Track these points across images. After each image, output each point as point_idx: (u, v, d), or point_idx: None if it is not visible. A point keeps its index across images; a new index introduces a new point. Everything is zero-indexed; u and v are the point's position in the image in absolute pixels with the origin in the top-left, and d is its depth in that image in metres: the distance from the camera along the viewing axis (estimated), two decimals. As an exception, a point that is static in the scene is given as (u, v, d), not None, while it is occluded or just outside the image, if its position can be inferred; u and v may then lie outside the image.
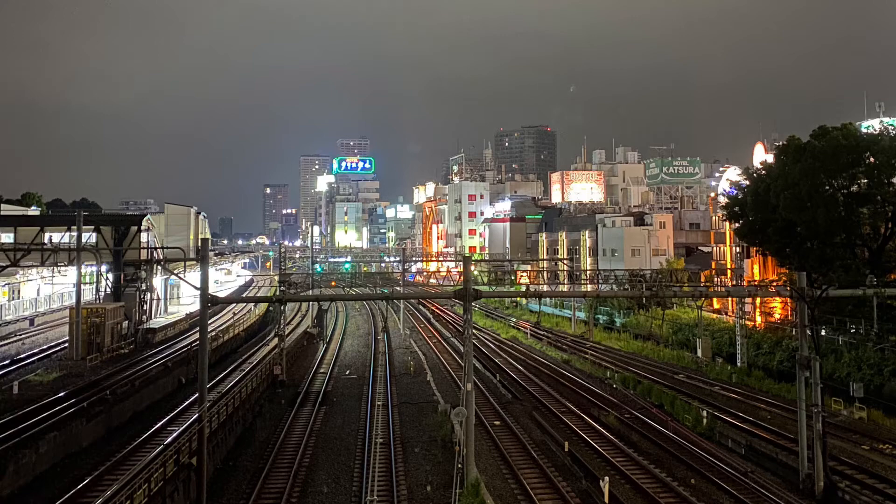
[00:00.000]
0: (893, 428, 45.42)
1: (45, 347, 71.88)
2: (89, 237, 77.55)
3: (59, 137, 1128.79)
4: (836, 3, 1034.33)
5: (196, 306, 64.69)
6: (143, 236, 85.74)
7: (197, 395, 37.37)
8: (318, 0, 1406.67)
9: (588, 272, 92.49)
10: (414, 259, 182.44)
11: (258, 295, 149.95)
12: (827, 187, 63.08)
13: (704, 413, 48.15)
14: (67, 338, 69.47)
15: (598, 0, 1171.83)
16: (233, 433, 44.93)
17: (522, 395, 58.92)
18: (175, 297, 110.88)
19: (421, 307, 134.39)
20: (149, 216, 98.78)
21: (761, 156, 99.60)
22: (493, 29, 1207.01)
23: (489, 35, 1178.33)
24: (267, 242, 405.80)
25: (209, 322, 50.64)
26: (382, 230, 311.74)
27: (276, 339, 73.74)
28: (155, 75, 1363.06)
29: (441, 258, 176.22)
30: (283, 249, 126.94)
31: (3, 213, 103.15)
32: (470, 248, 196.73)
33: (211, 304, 36.66)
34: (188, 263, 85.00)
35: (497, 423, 49.27)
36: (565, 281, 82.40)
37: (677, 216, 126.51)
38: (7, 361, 63.18)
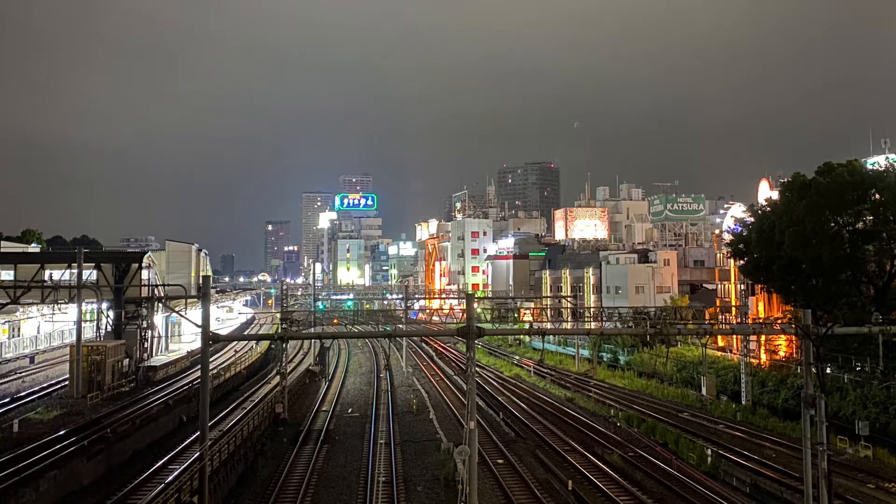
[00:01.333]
0: (900, 467, 45.01)
1: (45, 385, 71.49)
2: (90, 274, 77.39)
3: (59, 174, 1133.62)
4: (840, 40, 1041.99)
5: (197, 344, 64.41)
6: (144, 273, 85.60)
7: (198, 433, 37.03)
8: (318, 37, 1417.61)
9: (592, 309, 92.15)
10: (416, 296, 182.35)
11: (260, 333, 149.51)
12: (832, 224, 62.94)
13: (709, 451, 47.77)
14: (68, 376, 69.10)
15: (602, 36, 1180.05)
16: (234, 472, 44.55)
17: (526, 433, 58.50)
18: (176, 335, 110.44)
19: (424, 345, 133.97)
20: (150, 253, 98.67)
21: (766, 192, 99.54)
22: (496, 65, 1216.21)
23: (492, 71, 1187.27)
24: (269, 280, 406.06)
25: (210, 360, 50.37)
26: (385, 267, 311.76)
27: (277, 377, 73.38)
28: (155, 112, 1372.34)
29: (444, 296, 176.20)
30: (284, 287, 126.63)
31: (3, 250, 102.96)
32: (473, 285, 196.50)
33: (212, 341, 36.43)
34: (189, 301, 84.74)
35: (500, 461, 48.86)
36: (569, 318, 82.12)
37: (681, 253, 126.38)
38: (7, 399, 62.81)
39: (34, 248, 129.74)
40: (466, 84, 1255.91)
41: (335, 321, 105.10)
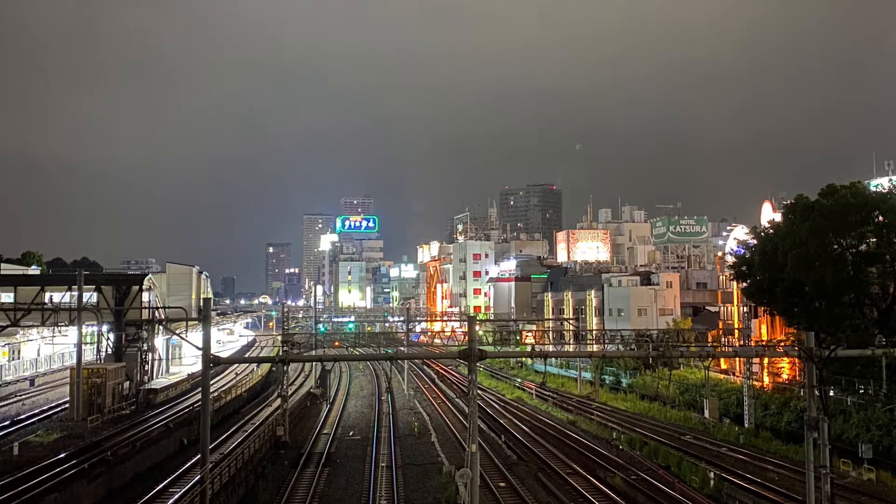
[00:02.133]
0: (904, 490, 44.77)
1: (45, 408, 71.40)
2: (90, 297, 77.36)
3: (60, 196, 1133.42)
4: (843, 62, 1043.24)
5: (198, 366, 64.28)
6: (145, 296, 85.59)
7: (199, 456, 36.90)
8: (320, 58, 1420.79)
9: (594, 332, 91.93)
10: (418, 319, 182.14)
11: (261, 355, 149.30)
12: (835, 246, 62.90)
13: (711, 474, 47.55)
14: (68, 398, 69.03)
15: (604, 58, 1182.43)
16: (235, 495, 44.37)
17: (527, 455, 58.26)
18: (177, 357, 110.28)
19: (425, 367, 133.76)
20: (150, 276, 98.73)
21: (769, 214, 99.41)
22: (496, 87, 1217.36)
23: (493, 93, 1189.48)
24: (270, 302, 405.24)
25: (211, 382, 50.25)
26: (386, 290, 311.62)
27: (278, 400, 73.20)
28: (156, 133, 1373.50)
29: (445, 318, 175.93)
30: (285, 309, 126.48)
31: (3, 272, 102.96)
32: (475, 307, 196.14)
33: (213, 364, 36.36)
34: (190, 323, 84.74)
35: (502, 484, 48.66)
36: (571, 341, 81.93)
37: (684, 276, 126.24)
38: (7, 422, 62.74)
39: (34, 270, 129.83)
40: (467, 105, 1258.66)
41: (336, 344, 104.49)
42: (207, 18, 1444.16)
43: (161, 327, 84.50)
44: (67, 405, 68.66)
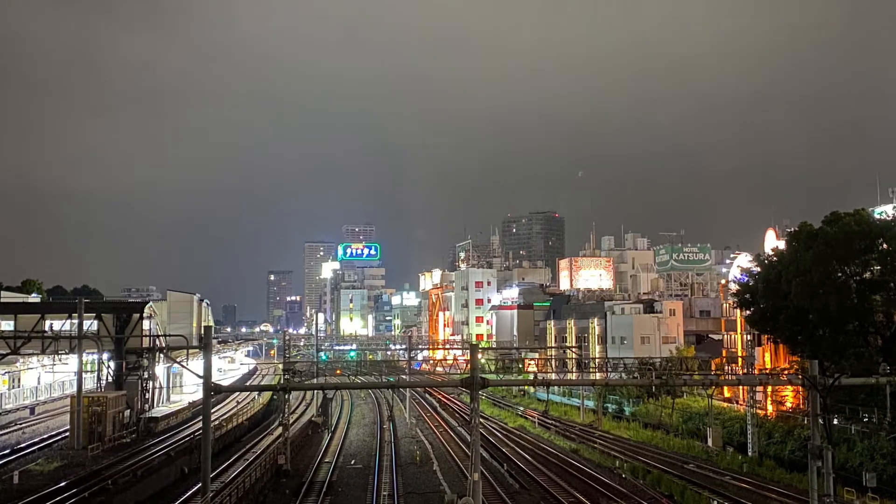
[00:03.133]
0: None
1: (45, 436, 71.15)
2: (91, 325, 77.17)
3: (59, 223, 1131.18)
4: (846, 90, 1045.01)
5: (199, 395, 64.08)
6: (146, 324, 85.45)
7: (200, 485, 36.67)
8: (321, 85, 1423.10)
9: (597, 360, 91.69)
10: (420, 347, 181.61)
11: (262, 383, 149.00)
12: (839, 274, 62.84)
13: (715, 503, 47.20)
14: (68, 427, 68.81)
15: (607, 85, 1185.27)
16: (235, 524, 44.07)
17: (530, 484, 57.93)
18: (178, 386, 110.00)
19: (427, 395, 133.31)
20: (151, 303, 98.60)
21: (772, 242, 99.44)
22: (499, 114, 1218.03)
23: (496, 120, 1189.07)
24: (271, 330, 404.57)
25: (212, 410, 50.06)
26: (388, 317, 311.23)
27: (280, 428, 72.94)
28: (155, 160, 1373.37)
29: (448, 346, 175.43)
30: (287, 337, 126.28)
31: (3, 300, 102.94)
32: (477, 335, 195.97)
33: (214, 392, 36.22)
34: (191, 351, 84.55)
35: (505, 514, 48.33)
36: (574, 369, 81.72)
37: (687, 303, 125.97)
38: (7, 451, 62.49)
39: (34, 298, 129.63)
40: (469, 132, 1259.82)
41: (338, 372, 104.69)
42: (207, 46, 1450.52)
43: (162, 355, 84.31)
44: (68, 433, 68.44)
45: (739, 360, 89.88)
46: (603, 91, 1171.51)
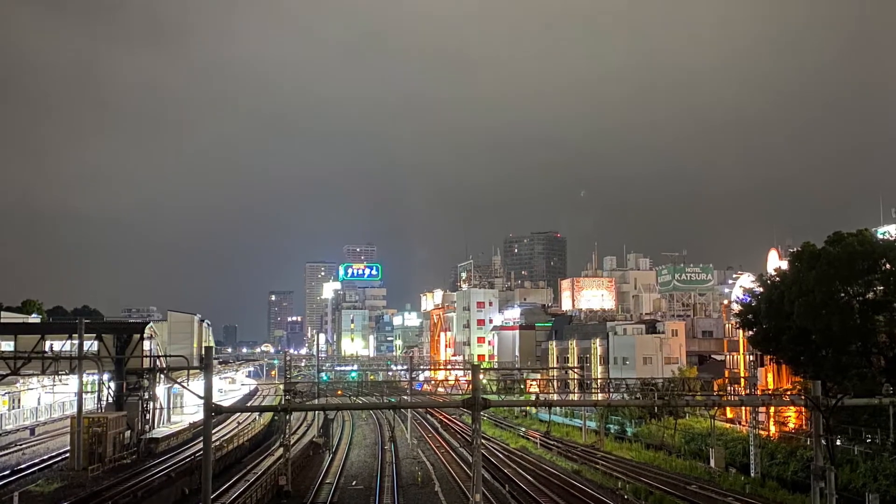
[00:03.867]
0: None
1: (45, 457, 71.01)
2: (91, 345, 77.02)
3: (60, 243, 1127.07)
4: (849, 110, 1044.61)
5: (200, 415, 63.93)
6: (146, 344, 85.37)
7: (199, 506, 36.50)
8: (321, 104, 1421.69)
9: (599, 381, 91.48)
10: (421, 367, 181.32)
11: (263, 404, 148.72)
12: (842, 294, 62.79)
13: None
14: (69, 447, 68.61)
15: (610, 105, 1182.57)
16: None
17: (532, 506, 57.70)
18: (178, 406, 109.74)
19: (429, 416, 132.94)
20: (151, 324, 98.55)
21: (775, 262, 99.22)
22: (500, 134, 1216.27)
23: (498, 140, 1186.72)
24: (272, 350, 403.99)
25: (213, 431, 49.90)
26: (389, 338, 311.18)
27: (281, 449, 72.72)
28: (155, 180, 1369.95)
29: (449, 366, 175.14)
30: (288, 358, 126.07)
31: (3, 320, 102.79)
32: (479, 356, 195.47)
33: (215, 413, 36.10)
34: (192, 372, 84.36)
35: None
36: (576, 390, 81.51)
37: (690, 324, 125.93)
38: (7, 472, 62.30)
39: (34, 318, 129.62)
40: (470, 152, 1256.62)
41: (339, 392, 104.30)
42: (208, 66, 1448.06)
43: (162, 376, 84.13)
44: (68, 454, 68.25)
45: (742, 380, 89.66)
46: (604, 111, 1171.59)
